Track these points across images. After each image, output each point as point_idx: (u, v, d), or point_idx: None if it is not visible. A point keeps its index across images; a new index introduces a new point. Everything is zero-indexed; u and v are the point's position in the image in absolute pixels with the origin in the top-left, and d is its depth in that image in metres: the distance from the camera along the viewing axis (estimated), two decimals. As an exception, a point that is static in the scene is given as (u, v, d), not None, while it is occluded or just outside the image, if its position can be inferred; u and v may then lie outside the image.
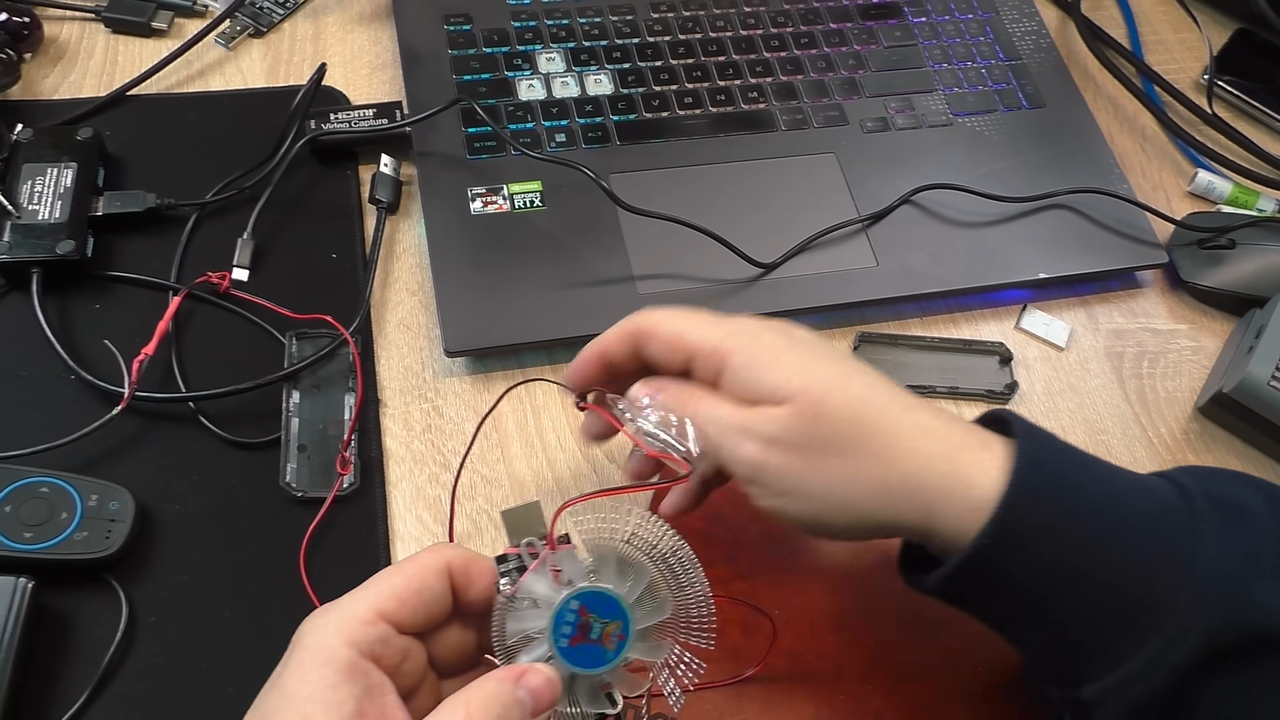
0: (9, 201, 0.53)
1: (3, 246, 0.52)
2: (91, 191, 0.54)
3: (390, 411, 0.53)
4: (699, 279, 0.56)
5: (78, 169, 0.54)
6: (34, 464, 0.47)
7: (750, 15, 0.67)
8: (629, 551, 0.37)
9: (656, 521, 0.37)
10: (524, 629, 0.36)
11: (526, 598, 0.36)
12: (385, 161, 0.58)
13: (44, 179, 0.54)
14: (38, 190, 0.53)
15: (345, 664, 0.32)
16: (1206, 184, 0.66)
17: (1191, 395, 0.59)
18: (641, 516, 0.36)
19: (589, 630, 0.36)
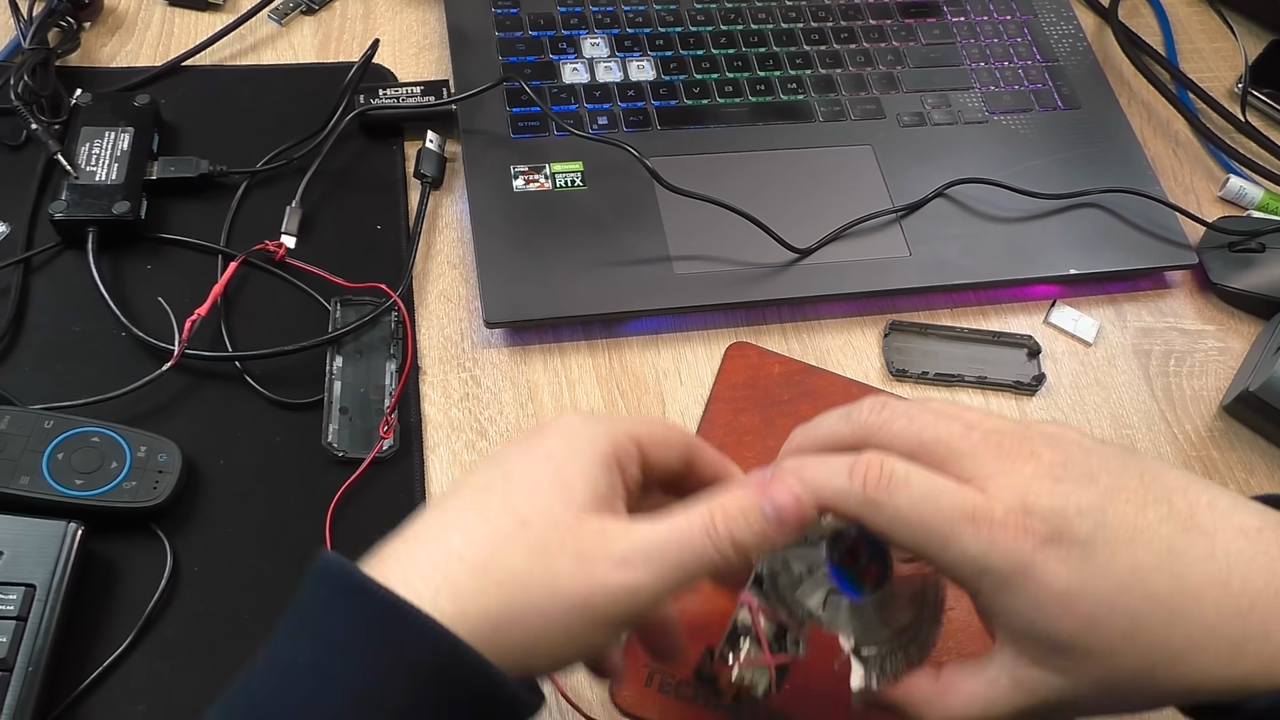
0: (68, 162, 0.54)
1: (60, 205, 0.53)
2: (147, 156, 0.56)
3: (429, 379, 0.54)
4: (734, 261, 0.57)
5: (134, 134, 0.56)
6: (86, 414, 0.48)
7: (792, 9, 0.69)
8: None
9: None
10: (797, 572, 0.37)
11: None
12: (431, 138, 0.59)
13: (101, 142, 0.55)
14: (95, 153, 0.55)
15: (606, 456, 0.34)
16: (1238, 189, 0.67)
17: (1217, 394, 0.60)
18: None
19: (857, 558, 0.37)
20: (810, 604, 0.37)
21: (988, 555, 0.32)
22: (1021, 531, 0.32)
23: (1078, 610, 0.32)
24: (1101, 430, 0.57)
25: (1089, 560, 0.32)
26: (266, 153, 0.59)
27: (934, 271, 0.59)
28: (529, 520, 0.32)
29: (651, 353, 0.57)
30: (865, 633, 0.36)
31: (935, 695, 0.36)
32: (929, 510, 0.32)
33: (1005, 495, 0.32)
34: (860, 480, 0.33)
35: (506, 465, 0.34)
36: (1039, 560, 0.32)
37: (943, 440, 0.34)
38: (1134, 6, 0.77)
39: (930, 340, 0.59)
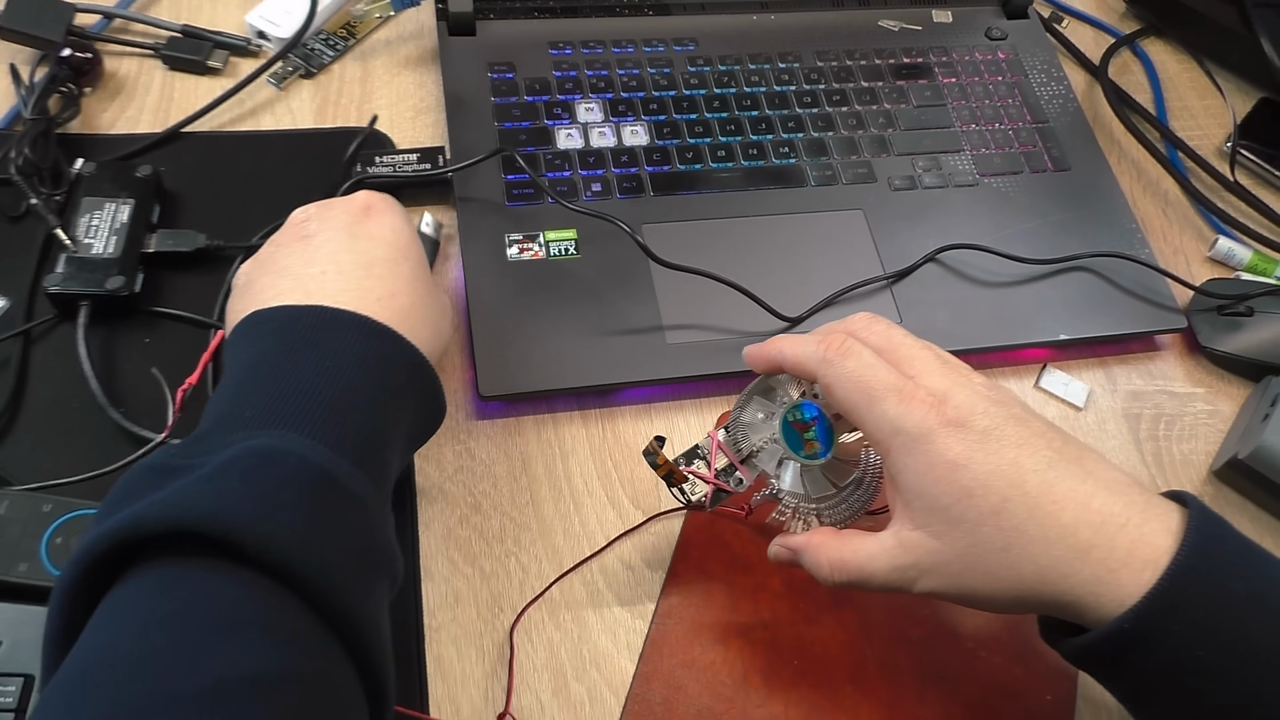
0: (66, 234, 0.55)
1: (56, 278, 0.54)
2: (145, 228, 0.56)
3: (422, 451, 0.55)
4: (726, 330, 0.58)
5: (134, 206, 0.56)
6: (84, 493, 0.49)
7: (784, 71, 0.69)
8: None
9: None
10: (756, 419, 0.47)
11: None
12: (426, 221, 0.60)
13: (101, 213, 0.56)
14: (94, 224, 0.56)
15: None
16: (1227, 250, 0.67)
17: (1207, 458, 0.60)
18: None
19: (806, 428, 0.46)
20: (757, 442, 0.46)
21: (902, 418, 0.40)
22: (933, 408, 0.40)
23: (958, 479, 0.39)
24: (1091, 497, 0.58)
25: (979, 445, 0.39)
26: (266, 220, 0.59)
27: (924, 338, 0.59)
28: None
29: (645, 422, 0.57)
30: (792, 487, 0.46)
31: (833, 544, 0.43)
32: (867, 376, 0.41)
33: (932, 384, 0.41)
34: (824, 347, 0.43)
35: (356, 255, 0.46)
36: (940, 433, 0.39)
37: (905, 348, 0.43)
38: (1124, 64, 0.78)
39: (921, 406, 0.59)
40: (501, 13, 0.69)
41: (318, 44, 0.68)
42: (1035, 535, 0.38)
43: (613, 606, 0.51)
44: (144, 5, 0.68)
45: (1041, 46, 0.74)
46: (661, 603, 0.51)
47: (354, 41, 0.69)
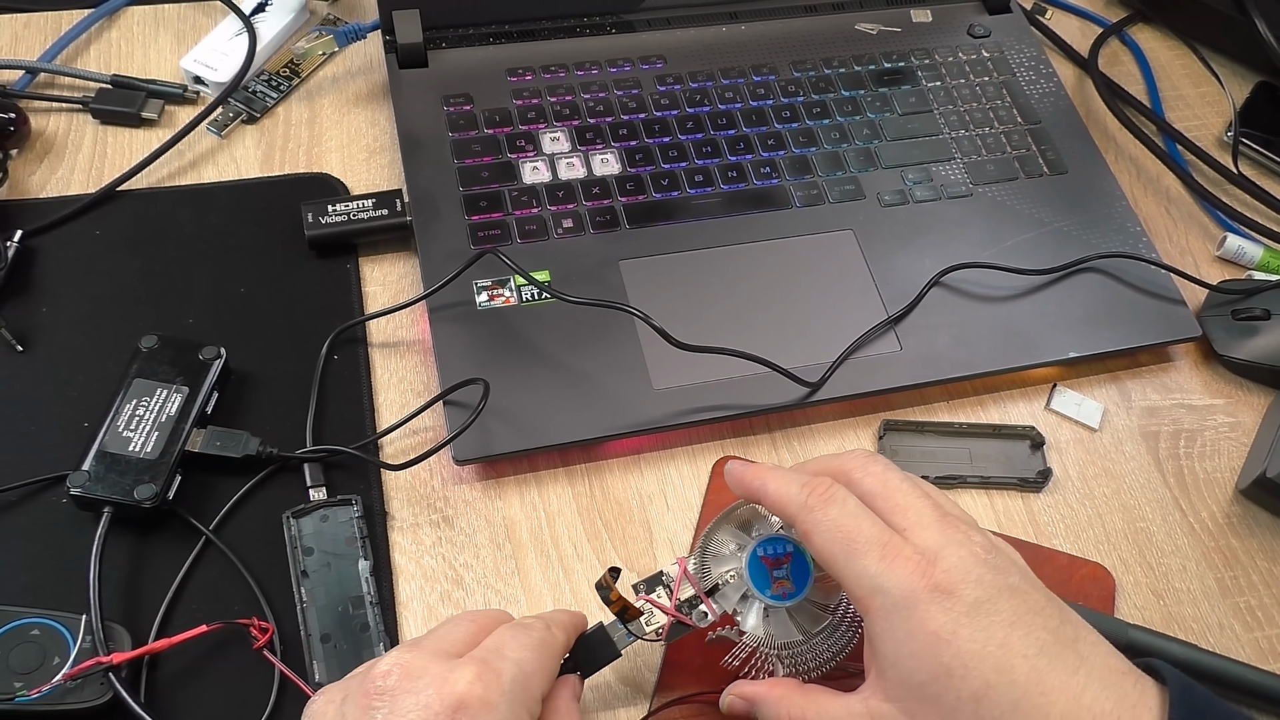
0: (109, 415, 0.49)
1: (81, 479, 0.47)
2: (194, 422, 0.49)
3: (398, 524, 0.50)
4: (717, 372, 0.54)
5: (187, 395, 0.50)
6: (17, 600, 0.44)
7: (760, 85, 0.65)
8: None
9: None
10: (726, 550, 0.43)
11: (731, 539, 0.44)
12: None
13: (149, 401, 0.49)
14: (138, 414, 0.49)
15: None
16: (1236, 248, 0.64)
17: (1232, 475, 0.57)
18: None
19: (779, 565, 0.42)
20: (723, 574, 0.42)
21: (883, 576, 0.36)
22: (920, 570, 0.36)
23: (940, 656, 0.35)
24: (1114, 525, 0.54)
25: (967, 618, 0.36)
26: (213, 287, 0.55)
27: (927, 366, 0.56)
28: None
29: (634, 475, 0.53)
30: (755, 628, 0.42)
31: (795, 699, 0.39)
32: (850, 527, 0.38)
33: (923, 540, 0.37)
34: (807, 491, 0.39)
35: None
36: (925, 599, 0.36)
37: (901, 495, 0.39)
38: (1113, 54, 0.74)
39: (927, 438, 0.56)
40: (454, 41, 0.64)
41: (259, 86, 0.63)
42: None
43: (611, 683, 0.47)
44: (70, 57, 0.64)
45: (1026, 42, 0.71)
46: (661, 682, 0.47)
47: (298, 81, 0.64)
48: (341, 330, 0.55)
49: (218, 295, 0.55)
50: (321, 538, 0.49)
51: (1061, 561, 0.52)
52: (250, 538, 0.49)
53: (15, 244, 0.54)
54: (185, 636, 0.44)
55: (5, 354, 0.52)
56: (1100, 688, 0.35)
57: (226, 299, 0.55)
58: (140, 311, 0.54)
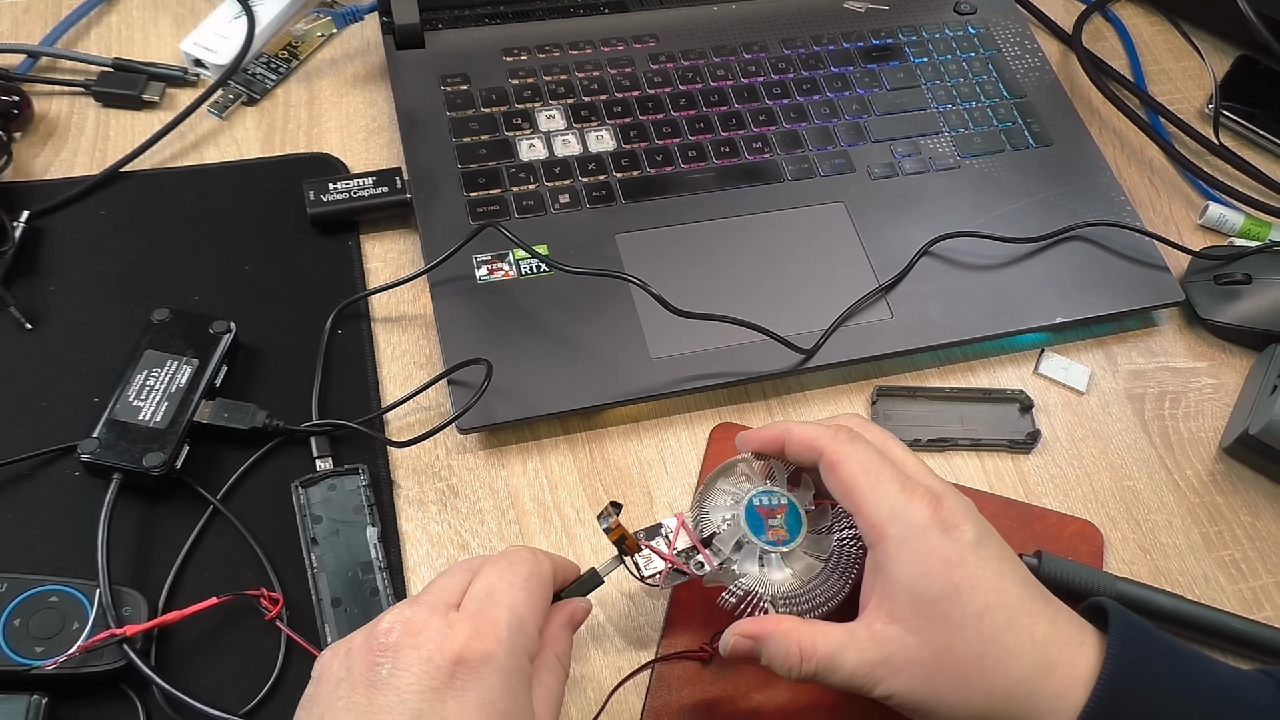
0: (120, 385, 0.50)
1: (91, 445, 0.48)
2: (203, 394, 0.50)
3: (404, 492, 0.52)
4: (713, 339, 0.55)
5: (197, 367, 0.51)
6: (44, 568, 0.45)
7: (751, 62, 0.67)
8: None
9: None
10: (723, 502, 0.45)
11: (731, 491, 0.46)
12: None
13: (160, 373, 0.50)
14: (149, 385, 0.50)
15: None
16: (1218, 217, 0.65)
17: (1215, 434, 0.58)
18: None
19: (773, 514, 0.44)
20: (718, 523, 0.44)
21: (905, 506, 0.41)
22: (932, 506, 0.41)
23: (951, 576, 0.39)
24: (1102, 484, 0.56)
25: (972, 549, 0.40)
26: (218, 265, 0.56)
27: (918, 333, 0.57)
28: None
29: (634, 442, 0.54)
30: (749, 572, 0.43)
31: (803, 629, 0.41)
32: (874, 460, 0.42)
33: (928, 483, 0.42)
34: (835, 429, 0.43)
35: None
36: (936, 530, 0.40)
37: (900, 450, 0.44)
38: (1097, 30, 0.76)
39: (919, 403, 0.57)
40: (450, 22, 0.65)
41: (259, 68, 0.64)
42: (1011, 646, 0.39)
43: (614, 639, 0.48)
44: (71, 40, 0.64)
45: (1012, 18, 0.72)
46: (664, 639, 0.48)
47: (297, 63, 0.65)
48: (345, 305, 0.56)
49: (223, 273, 0.56)
50: (330, 506, 0.50)
51: (1051, 519, 0.53)
52: (259, 506, 0.50)
53: (22, 224, 0.55)
54: (196, 609, 0.45)
55: (15, 332, 0.53)
56: (1067, 615, 0.41)
57: (232, 276, 0.56)
58: (147, 290, 0.55)
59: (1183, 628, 0.50)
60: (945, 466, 0.55)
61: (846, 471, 0.42)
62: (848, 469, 0.42)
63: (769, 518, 0.44)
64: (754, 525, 0.44)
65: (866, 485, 0.42)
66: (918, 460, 0.44)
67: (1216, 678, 0.40)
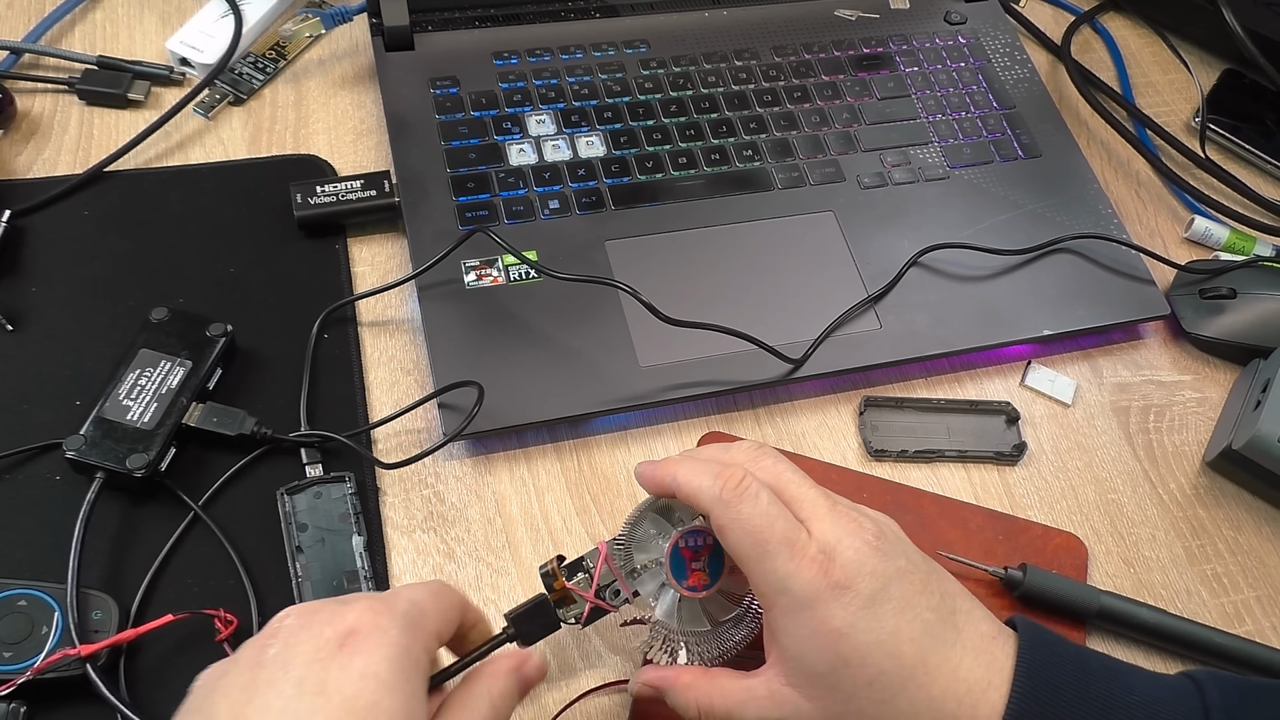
0: (112, 383, 0.49)
1: (76, 442, 0.47)
2: (194, 396, 0.50)
3: (389, 500, 0.51)
4: (701, 349, 0.55)
5: (189, 369, 0.50)
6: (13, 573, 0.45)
7: (742, 69, 0.66)
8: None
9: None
10: (649, 543, 0.44)
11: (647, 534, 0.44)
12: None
13: (152, 373, 0.50)
14: (140, 384, 0.49)
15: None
16: (1204, 230, 0.66)
17: (1199, 448, 0.59)
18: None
19: (697, 557, 0.43)
20: (642, 560, 0.43)
21: (791, 578, 0.38)
22: (822, 571, 0.38)
23: (839, 648, 0.38)
24: (1087, 496, 0.56)
25: (864, 613, 0.38)
26: (203, 267, 0.56)
27: (906, 344, 0.57)
28: None
29: (621, 450, 0.54)
30: (666, 615, 0.43)
31: (701, 685, 0.41)
32: (761, 525, 0.39)
33: (822, 538, 0.39)
34: (722, 482, 0.40)
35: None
36: (826, 598, 0.38)
37: (794, 486, 0.41)
38: (1085, 41, 0.76)
39: (907, 414, 0.57)
40: (440, 24, 0.65)
41: (246, 68, 0.64)
42: (905, 709, 0.38)
43: (603, 654, 0.48)
44: (55, 37, 0.64)
45: (1001, 29, 0.72)
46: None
47: (285, 63, 0.65)
48: (332, 310, 0.55)
49: (208, 275, 0.56)
50: (315, 514, 0.49)
51: (1036, 532, 0.54)
52: (243, 513, 0.50)
53: (4, 223, 0.54)
54: (151, 626, 0.44)
55: (-4, 333, 0.52)
56: (973, 658, 0.39)
57: (217, 279, 0.56)
58: (130, 292, 0.54)
59: (1165, 642, 0.51)
60: (932, 478, 0.55)
61: (732, 539, 0.40)
62: (733, 537, 0.40)
63: (692, 560, 0.43)
64: (677, 567, 0.43)
65: (753, 555, 0.39)
66: (815, 496, 0.41)
67: (1130, 697, 0.39)
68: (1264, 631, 0.53)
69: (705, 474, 0.41)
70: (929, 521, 0.53)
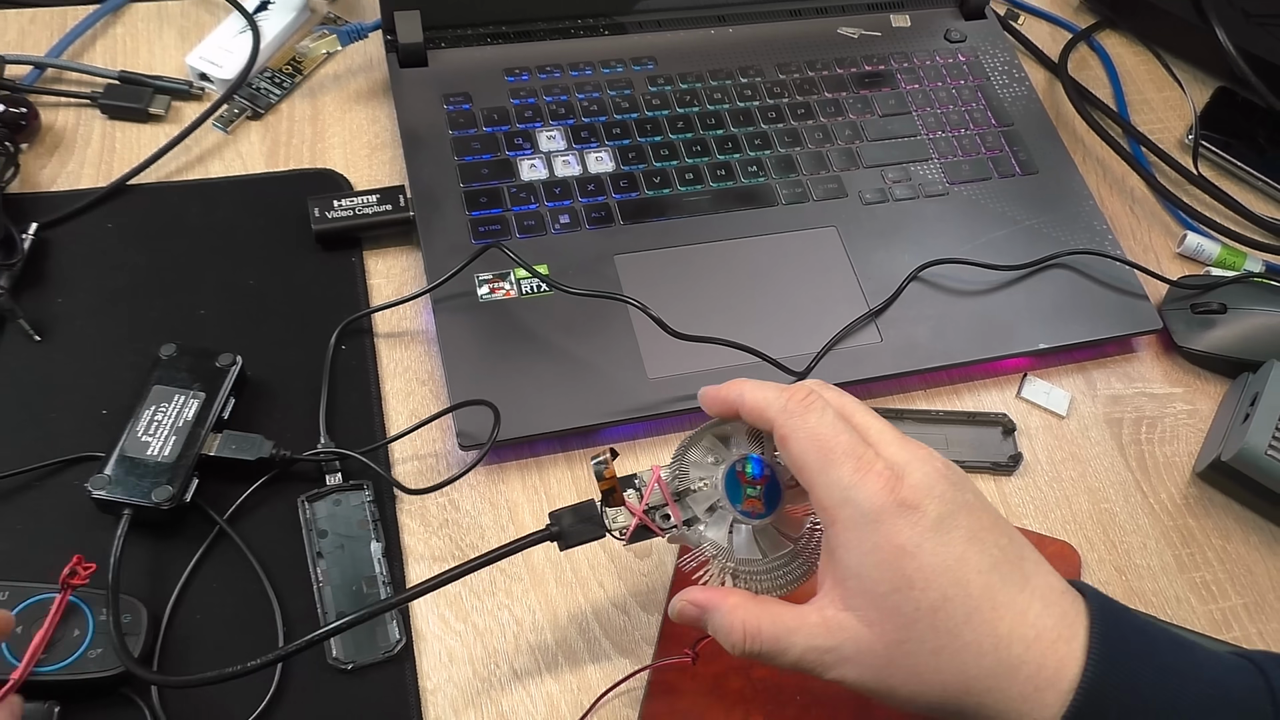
0: (130, 422, 0.50)
1: (101, 482, 0.49)
2: (211, 427, 0.51)
3: (406, 507, 0.53)
4: (708, 361, 0.57)
5: (203, 401, 0.51)
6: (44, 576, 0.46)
7: (747, 86, 0.68)
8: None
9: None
10: (702, 475, 0.43)
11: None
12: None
13: (168, 407, 0.51)
14: (157, 419, 0.51)
15: None
16: (1196, 246, 0.67)
17: (1189, 459, 0.60)
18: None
19: (752, 484, 0.42)
20: (696, 480, 0.42)
21: (855, 489, 0.37)
22: (889, 485, 0.37)
23: (904, 567, 0.36)
24: (1080, 506, 0.58)
25: (931, 534, 0.37)
26: (223, 279, 0.57)
27: (906, 357, 0.59)
28: None
29: (630, 460, 0.56)
30: (719, 538, 0.42)
31: (750, 607, 0.39)
32: (827, 435, 0.38)
33: (891, 458, 0.38)
34: (788, 396, 0.40)
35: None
36: (891, 512, 0.37)
37: (862, 414, 0.40)
38: (1082, 59, 0.78)
39: (906, 425, 0.59)
40: (453, 41, 0.67)
41: (263, 83, 0.65)
42: (969, 642, 0.36)
43: (609, 651, 0.50)
44: (77, 52, 0.65)
45: (1000, 47, 0.74)
46: (659, 651, 0.50)
47: (301, 78, 0.66)
48: (349, 322, 0.57)
49: (228, 287, 0.57)
50: (335, 521, 0.51)
51: (1031, 540, 0.55)
52: (266, 522, 0.51)
53: (31, 235, 0.56)
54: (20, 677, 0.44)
55: (24, 343, 0.54)
56: (1043, 605, 0.37)
57: (237, 291, 0.57)
58: (153, 303, 0.56)
59: (1155, 647, 0.52)
60: (930, 487, 0.57)
61: (796, 449, 0.39)
62: (797, 446, 0.38)
63: (748, 487, 0.42)
64: (732, 491, 0.42)
65: (817, 464, 0.38)
66: (882, 425, 0.40)
67: (1200, 673, 0.38)
68: (1251, 638, 0.55)
69: (772, 389, 0.40)
70: (928, 530, 0.55)
